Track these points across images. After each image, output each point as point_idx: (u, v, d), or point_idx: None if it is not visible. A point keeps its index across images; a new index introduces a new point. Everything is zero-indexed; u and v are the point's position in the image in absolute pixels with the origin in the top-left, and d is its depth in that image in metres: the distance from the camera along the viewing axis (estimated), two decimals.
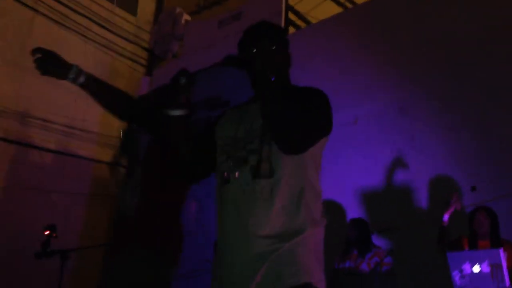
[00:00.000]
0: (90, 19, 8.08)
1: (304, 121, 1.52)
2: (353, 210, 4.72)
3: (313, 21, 6.75)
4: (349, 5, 6.63)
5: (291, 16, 6.74)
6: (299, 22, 6.93)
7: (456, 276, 3.25)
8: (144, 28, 8.98)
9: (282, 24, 6.35)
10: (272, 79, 1.53)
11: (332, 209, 4.87)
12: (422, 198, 4.43)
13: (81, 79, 1.77)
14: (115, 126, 8.42)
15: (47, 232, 4.02)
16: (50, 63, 1.73)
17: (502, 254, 3.11)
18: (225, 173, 1.62)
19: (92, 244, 6.54)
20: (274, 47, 1.76)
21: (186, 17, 8.09)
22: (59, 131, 7.80)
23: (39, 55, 1.71)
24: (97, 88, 1.85)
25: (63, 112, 7.85)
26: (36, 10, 7.65)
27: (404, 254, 4.04)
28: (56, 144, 7.86)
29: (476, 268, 3.19)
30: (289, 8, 6.64)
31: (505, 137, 4.01)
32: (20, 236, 6.46)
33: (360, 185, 4.87)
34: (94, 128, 8.17)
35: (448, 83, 4.46)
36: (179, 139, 1.72)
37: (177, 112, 1.68)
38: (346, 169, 4.97)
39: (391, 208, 4.54)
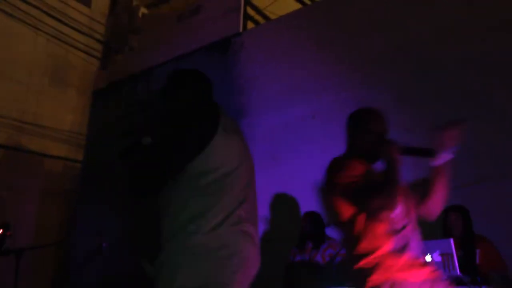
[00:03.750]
0: (42, 10, 7.81)
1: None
2: (312, 204, 4.81)
3: (272, 16, 6.80)
4: (307, 0, 6.70)
5: (250, 11, 6.76)
6: (257, 17, 6.96)
7: None
8: (98, 20, 8.76)
9: (241, 19, 6.37)
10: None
11: (287, 202, 4.95)
12: None
13: None
14: (68, 120, 8.20)
15: (1, 231, 3.90)
16: None
17: (452, 243, 3.24)
18: None
19: (46, 241, 6.37)
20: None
21: (143, 10, 7.96)
22: (9, 125, 7.52)
23: None
24: None
25: (13, 105, 7.57)
26: None
27: None
28: (6, 139, 7.57)
29: (428, 258, 3.32)
30: (248, 2, 6.66)
31: None
32: None
33: (318, 179, 4.94)
34: (46, 122, 7.92)
35: (405, 82, 4.60)
36: None
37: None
38: (304, 164, 5.05)
39: None
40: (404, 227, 2.09)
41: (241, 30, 6.33)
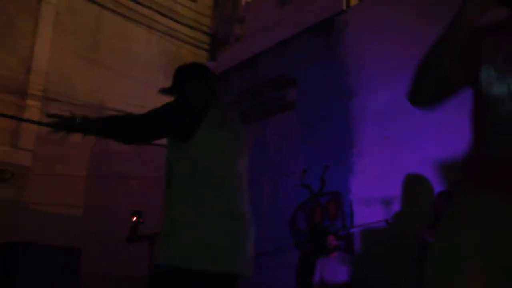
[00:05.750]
0: (153, 9, 8.28)
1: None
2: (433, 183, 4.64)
3: None
4: None
5: None
6: None
7: None
8: (204, 13, 9.10)
9: None
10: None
11: (417, 182, 4.81)
12: None
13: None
14: None
15: (134, 218, 4.23)
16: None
17: None
18: None
19: None
20: None
21: None
22: None
23: None
24: None
25: (134, 102, 8.15)
26: (102, 6, 7.95)
27: None
28: None
29: None
30: None
31: None
32: (108, 221, 6.85)
33: (438, 156, 4.74)
34: None
35: None
36: None
37: None
38: (419, 141, 4.88)
39: None
40: None
41: (344, 7, 6.20)
